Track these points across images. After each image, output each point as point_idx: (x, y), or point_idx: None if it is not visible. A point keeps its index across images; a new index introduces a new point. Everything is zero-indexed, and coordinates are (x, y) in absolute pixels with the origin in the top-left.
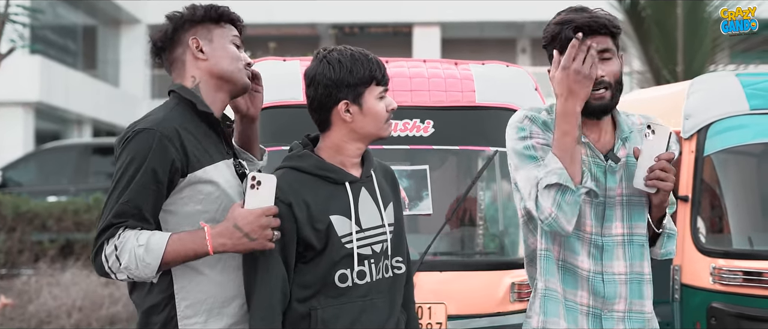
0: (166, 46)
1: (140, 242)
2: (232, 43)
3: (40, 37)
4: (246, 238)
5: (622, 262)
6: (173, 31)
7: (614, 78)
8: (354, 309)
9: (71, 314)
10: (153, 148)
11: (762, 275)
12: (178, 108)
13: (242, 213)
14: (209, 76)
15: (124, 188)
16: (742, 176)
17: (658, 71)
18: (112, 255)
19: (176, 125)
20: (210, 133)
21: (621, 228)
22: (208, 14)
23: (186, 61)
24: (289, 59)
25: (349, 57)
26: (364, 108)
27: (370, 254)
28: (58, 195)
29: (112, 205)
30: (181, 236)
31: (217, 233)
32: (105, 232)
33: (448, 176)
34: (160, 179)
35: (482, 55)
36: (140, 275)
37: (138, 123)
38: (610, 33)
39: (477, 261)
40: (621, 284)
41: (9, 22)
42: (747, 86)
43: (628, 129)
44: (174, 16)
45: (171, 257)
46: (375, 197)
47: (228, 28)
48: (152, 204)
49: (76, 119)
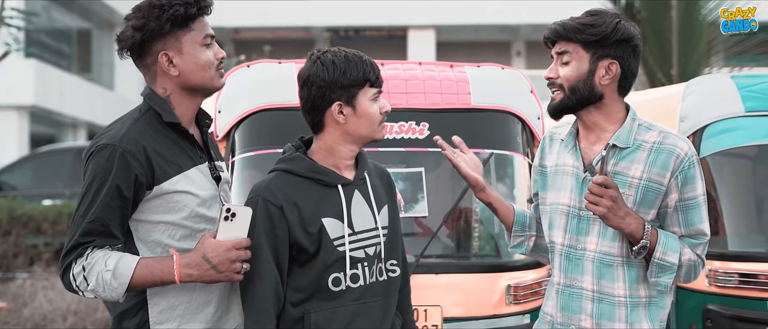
0: (135, 54)
1: (108, 267)
2: (202, 45)
3: (34, 41)
4: (213, 270)
5: (590, 278)
6: (141, 43)
7: (567, 81)
8: (347, 312)
9: (66, 318)
10: (115, 164)
11: (757, 277)
12: (145, 116)
13: (212, 245)
14: (181, 88)
15: (89, 206)
16: (737, 179)
17: (653, 74)
18: (80, 275)
19: (141, 138)
20: (179, 140)
21: (594, 245)
22: (176, 23)
23: (157, 73)
24: (284, 62)
25: (342, 58)
26: (358, 110)
27: (363, 257)
28: (53, 199)
29: (78, 223)
30: (149, 262)
31: (185, 263)
32: (73, 252)
33: (443, 179)
34: (124, 195)
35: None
36: (107, 296)
37: (102, 136)
38: (572, 38)
39: (473, 264)
40: (586, 300)
41: (4, 25)
42: (742, 88)
43: (627, 141)
44: (142, 28)
45: (138, 283)
46: (368, 199)
47: (197, 27)
48: (119, 220)
49: (70, 123)
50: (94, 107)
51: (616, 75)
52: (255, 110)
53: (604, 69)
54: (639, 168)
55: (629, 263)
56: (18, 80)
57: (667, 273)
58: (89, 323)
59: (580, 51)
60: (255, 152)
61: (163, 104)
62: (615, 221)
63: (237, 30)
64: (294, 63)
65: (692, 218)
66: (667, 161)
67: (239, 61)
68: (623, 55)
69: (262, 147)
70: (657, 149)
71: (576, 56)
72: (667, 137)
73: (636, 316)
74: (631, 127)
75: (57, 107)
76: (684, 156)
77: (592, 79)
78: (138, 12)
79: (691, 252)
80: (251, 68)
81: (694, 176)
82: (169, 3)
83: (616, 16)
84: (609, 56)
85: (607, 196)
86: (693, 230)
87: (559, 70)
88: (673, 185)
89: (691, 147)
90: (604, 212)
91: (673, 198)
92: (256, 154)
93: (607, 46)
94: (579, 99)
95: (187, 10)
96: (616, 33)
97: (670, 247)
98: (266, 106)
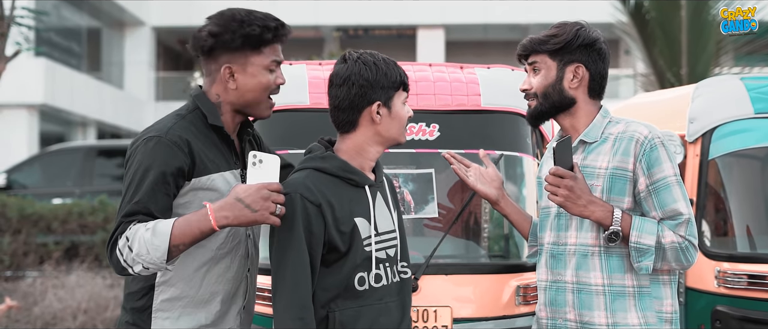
0: (205, 55)
1: (148, 227)
2: (268, 69)
3: (44, 40)
4: (248, 209)
5: (571, 271)
6: (210, 49)
7: (539, 89)
8: (372, 311)
9: (76, 316)
10: (161, 152)
11: (766, 278)
12: (191, 116)
13: (244, 187)
14: (233, 102)
15: (134, 192)
16: (746, 180)
17: (662, 74)
18: (125, 247)
19: (185, 133)
20: (219, 143)
21: (574, 238)
22: (248, 42)
23: (216, 79)
24: (295, 63)
25: (382, 60)
26: (393, 111)
27: (385, 258)
28: (62, 197)
29: (124, 207)
30: (186, 217)
31: (219, 207)
32: (117, 229)
33: (453, 180)
34: (167, 181)
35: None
36: (152, 260)
37: (148, 130)
38: (538, 50)
39: (483, 264)
40: (568, 292)
41: (14, 24)
42: (752, 90)
43: (595, 136)
44: (217, 35)
45: (178, 238)
46: (387, 201)
47: (268, 51)
48: (162, 205)
49: (80, 121)
50: (103, 105)
51: (583, 78)
52: None
53: (572, 73)
54: (605, 159)
55: (608, 252)
56: (28, 79)
57: (647, 256)
58: (99, 322)
59: (548, 61)
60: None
61: (212, 107)
62: (576, 210)
63: None
64: (305, 64)
65: (665, 199)
66: (628, 146)
67: None
68: (588, 59)
69: (273, 148)
70: (620, 138)
71: (544, 66)
72: (629, 125)
73: (620, 306)
74: (600, 123)
75: (67, 105)
76: (644, 140)
77: (561, 84)
78: (219, 18)
79: (672, 233)
80: None
81: (658, 158)
82: (249, 22)
83: (577, 25)
84: (574, 61)
85: (563, 185)
86: (668, 210)
87: (532, 81)
88: (639, 170)
89: (654, 131)
90: (562, 201)
91: (643, 182)
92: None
93: (572, 51)
94: (551, 104)
95: (262, 34)
96: (578, 39)
97: (646, 230)
98: (277, 107)
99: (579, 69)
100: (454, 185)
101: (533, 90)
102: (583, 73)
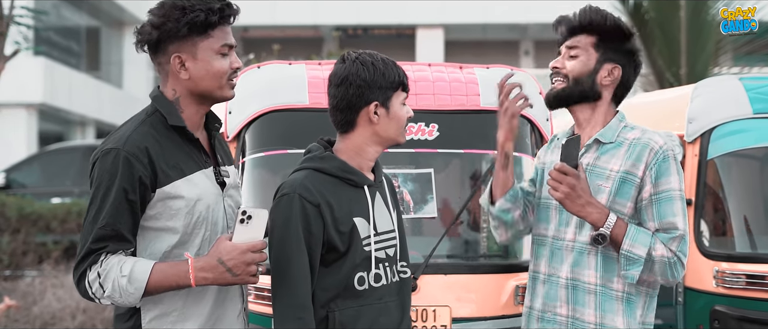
0: (152, 50)
1: (123, 273)
2: (219, 53)
3: (43, 39)
4: (229, 273)
5: (567, 267)
6: (157, 42)
7: (572, 73)
8: (372, 311)
9: (75, 316)
10: (119, 168)
11: (765, 278)
12: (151, 119)
13: (227, 248)
14: (190, 93)
15: (98, 211)
16: (745, 180)
17: (662, 74)
18: (96, 282)
19: (144, 140)
20: (184, 144)
21: (572, 234)
22: (194, 28)
23: (168, 73)
24: (294, 63)
25: (380, 60)
26: (390, 112)
27: (384, 257)
28: (61, 197)
29: (89, 230)
30: (164, 267)
31: (200, 267)
32: (87, 259)
33: (453, 180)
34: (131, 198)
35: (485, 57)
36: (124, 302)
37: (107, 141)
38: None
39: (482, 264)
40: (561, 287)
41: (13, 24)
42: (750, 90)
43: (610, 138)
44: (160, 27)
45: (154, 287)
46: (386, 201)
47: (216, 34)
48: (130, 223)
49: (79, 121)
50: (102, 105)
51: (616, 79)
52: (266, 110)
53: (607, 71)
54: (617, 162)
55: (605, 253)
56: (27, 78)
57: (635, 265)
58: (98, 321)
59: (590, 49)
60: (266, 152)
61: (170, 106)
62: (574, 208)
63: (246, 28)
64: (304, 64)
65: (665, 211)
66: (642, 153)
67: (249, 60)
68: (627, 64)
69: (272, 148)
70: (635, 144)
71: (585, 53)
72: (646, 133)
73: (610, 307)
74: (616, 126)
75: (66, 105)
76: (658, 149)
77: (595, 76)
78: (160, 9)
79: (664, 247)
80: (262, 69)
81: (668, 169)
82: (192, 7)
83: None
84: (614, 61)
85: (566, 182)
86: (665, 222)
87: (566, 63)
88: (647, 178)
89: (670, 142)
90: (562, 198)
91: (648, 190)
92: (267, 154)
93: (616, 50)
94: (580, 92)
95: (207, 18)
96: (628, 43)
97: (639, 240)
98: (277, 107)
99: (615, 70)
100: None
101: (565, 71)
102: (618, 75)
